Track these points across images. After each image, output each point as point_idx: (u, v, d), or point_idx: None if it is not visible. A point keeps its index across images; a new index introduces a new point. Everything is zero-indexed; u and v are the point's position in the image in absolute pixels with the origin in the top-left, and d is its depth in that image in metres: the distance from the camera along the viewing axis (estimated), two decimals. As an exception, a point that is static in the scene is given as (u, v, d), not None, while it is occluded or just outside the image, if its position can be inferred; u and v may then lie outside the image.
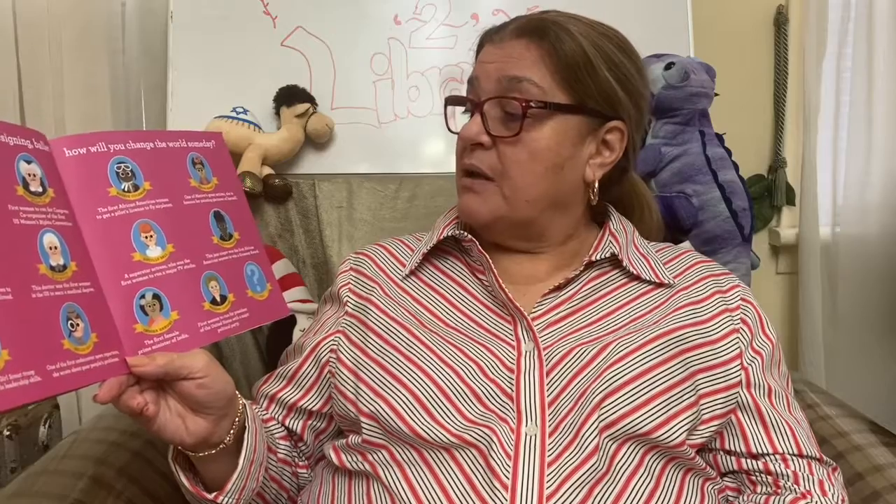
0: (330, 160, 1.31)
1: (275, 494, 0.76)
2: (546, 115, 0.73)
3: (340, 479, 0.71)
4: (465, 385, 0.68)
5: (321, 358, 0.77)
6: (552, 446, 0.65)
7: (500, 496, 0.62)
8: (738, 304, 0.76)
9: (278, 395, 0.79)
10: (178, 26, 1.29)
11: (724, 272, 0.81)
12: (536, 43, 0.73)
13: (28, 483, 0.78)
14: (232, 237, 0.68)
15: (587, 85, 0.73)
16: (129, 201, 0.61)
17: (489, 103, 0.74)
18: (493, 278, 0.74)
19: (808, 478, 0.71)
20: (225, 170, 0.70)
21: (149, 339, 0.59)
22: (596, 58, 0.73)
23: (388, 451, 0.68)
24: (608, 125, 0.75)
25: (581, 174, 0.76)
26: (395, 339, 0.74)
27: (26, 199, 0.54)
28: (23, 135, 0.55)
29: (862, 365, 1.59)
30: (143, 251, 0.61)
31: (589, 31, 0.74)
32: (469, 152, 0.76)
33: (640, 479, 0.66)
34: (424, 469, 0.66)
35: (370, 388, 0.71)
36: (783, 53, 1.59)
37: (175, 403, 0.61)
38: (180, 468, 0.66)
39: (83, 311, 0.55)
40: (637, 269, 0.77)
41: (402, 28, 1.34)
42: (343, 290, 0.81)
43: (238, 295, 0.66)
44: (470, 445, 0.65)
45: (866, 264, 1.56)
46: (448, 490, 0.64)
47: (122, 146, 0.62)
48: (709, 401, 0.70)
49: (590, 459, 0.64)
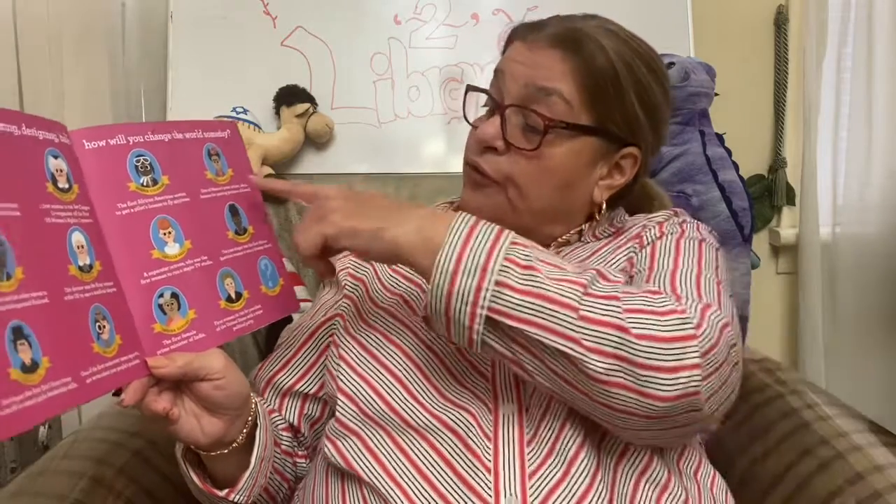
0: (330, 160, 1.31)
1: (277, 485, 0.76)
2: (567, 135, 0.71)
3: (334, 483, 0.71)
4: (443, 365, 0.69)
5: (321, 341, 0.78)
6: (528, 422, 0.64)
7: (484, 478, 0.62)
8: (640, 231, 0.75)
9: (274, 379, 0.79)
10: (178, 26, 1.29)
11: (665, 218, 0.77)
12: (571, 56, 0.71)
13: (28, 483, 0.78)
14: (246, 231, 0.68)
15: (612, 108, 0.72)
16: (148, 196, 0.60)
17: (511, 109, 0.72)
18: None
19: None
20: (239, 160, 0.69)
21: (167, 338, 0.58)
22: (626, 80, 0.71)
23: (359, 438, 0.68)
24: (624, 151, 0.74)
25: (589, 193, 0.76)
26: (376, 320, 0.74)
27: (55, 197, 0.52)
28: (48, 128, 0.53)
29: (862, 365, 1.59)
30: (162, 248, 0.59)
31: (623, 49, 0.72)
32: (479, 153, 0.74)
33: (610, 439, 0.65)
34: (401, 457, 0.65)
35: (350, 367, 0.71)
36: (783, 53, 1.59)
37: (190, 403, 0.61)
38: (190, 465, 0.67)
39: (108, 312, 0.54)
40: (598, 233, 0.77)
41: (402, 28, 1.34)
42: (342, 273, 0.81)
43: (252, 291, 0.66)
44: (446, 428, 0.65)
45: (866, 264, 1.56)
46: (430, 477, 0.63)
47: (141, 138, 0.60)
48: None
49: (564, 427, 0.63)
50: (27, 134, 0.51)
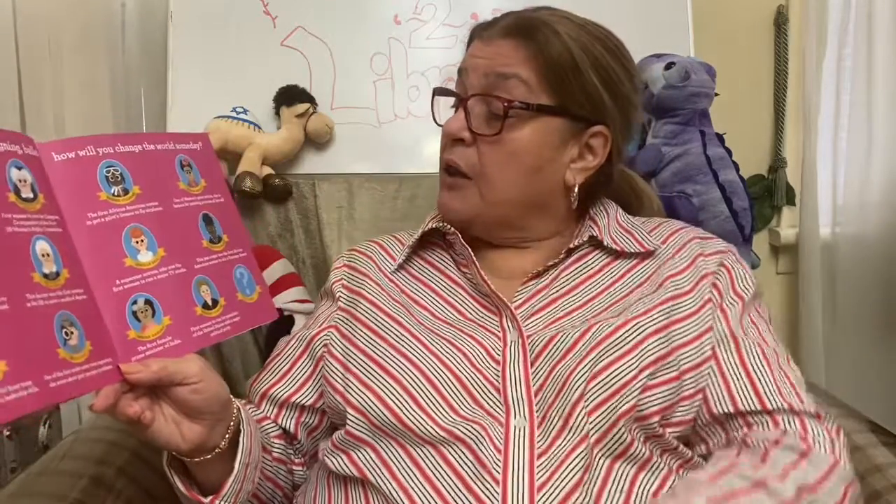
0: (330, 160, 1.31)
1: (270, 493, 0.76)
2: (528, 116, 0.73)
3: (337, 491, 0.71)
4: (455, 378, 0.68)
5: (316, 352, 0.78)
6: (541, 436, 0.65)
7: (492, 490, 0.62)
8: (714, 270, 0.74)
9: (270, 392, 0.79)
10: (178, 26, 1.29)
11: (709, 236, 0.79)
12: (524, 43, 0.73)
13: (28, 483, 0.78)
14: (221, 240, 0.68)
15: (572, 88, 0.73)
16: (119, 205, 0.60)
17: (474, 100, 0.74)
18: (476, 271, 0.75)
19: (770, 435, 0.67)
20: (212, 172, 0.70)
21: (142, 345, 0.58)
22: (583, 61, 0.73)
23: (373, 449, 0.68)
24: (592, 130, 0.75)
25: (561, 177, 0.76)
26: (383, 330, 0.74)
27: (18, 206, 0.53)
28: (12, 140, 0.54)
29: (862, 365, 1.58)
30: (135, 256, 0.60)
31: (579, 33, 0.74)
32: (450, 148, 0.76)
33: (623, 463, 0.65)
34: (414, 469, 0.65)
35: (358, 379, 0.71)
36: (783, 53, 1.59)
37: (169, 409, 0.60)
38: (175, 472, 0.66)
39: (77, 319, 0.54)
40: (620, 245, 0.76)
41: (402, 28, 1.34)
42: (336, 285, 0.81)
43: (229, 299, 0.66)
44: (458, 440, 0.65)
45: (866, 264, 1.56)
46: (440, 489, 0.64)
47: (110, 149, 0.61)
48: (691, 376, 0.69)
49: (579, 447, 0.64)
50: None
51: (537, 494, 0.61)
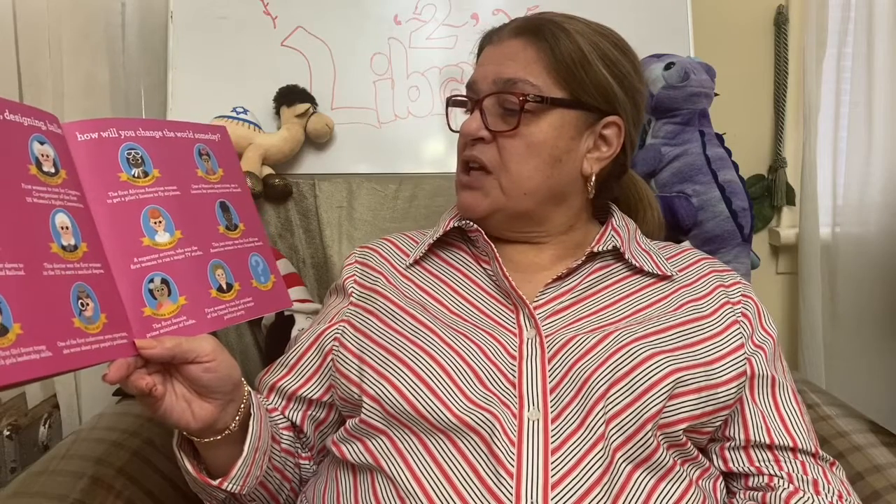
0: (330, 160, 1.31)
1: (278, 484, 0.76)
2: (543, 109, 0.74)
3: (345, 478, 0.71)
4: (468, 366, 0.69)
5: (325, 347, 0.78)
6: (556, 432, 0.65)
7: (506, 484, 0.62)
8: (739, 299, 0.77)
9: (279, 384, 0.80)
10: (178, 26, 1.29)
11: (726, 269, 0.82)
12: (533, 42, 0.75)
13: (28, 483, 0.78)
14: (237, 228, 0.69)
15: (583, 81, 0.75)
16: (139, 187, 0.62)
17: (488, 100, 0.76)
18: (498, 266, 0.75)
19: (801, 478, 0.71)
20: (230, 163, 0.71)
21: (157, 322, 0.60)
22: (592, 54, 0.75)
23: (388, 437, 0.68)
24: (605, 120, 0.77)
25: (579, 167, 0.78)
26: (398, 324, 0.74)
27: (39, 179, 0.54)
28: (37, 116, 0.56)
29: (862, 365, 1.59)
30: (153, 236, 0.61)
31: (585, 30, 0.76)
32: (470, 146, 0.78)
33: (644, 471, 0.65)
34: (427, 458, 0.66)
35: (374, 369, 0.71)
36: (783, 53, 1.59)
37: (181, 388, 0.61)
38: (185, 455, 0.67)
39: (93, 291, 0.55)
40: (640, 262, 0.78)
41: (402, 28, 1.34)
42: (348, 281, 0.82)
43: (243, 284, 0.67)
44: (472, 431, 0.65)
45: (866, 264, 1.56)
46: (453, 479, 0.64)
47: (132, 133, 0.63)
48: (710, 393, 0.70)
49: (595, 448, 0.64)
50: (11, 119, 0.54)
51: (552, 492, 0.62)
